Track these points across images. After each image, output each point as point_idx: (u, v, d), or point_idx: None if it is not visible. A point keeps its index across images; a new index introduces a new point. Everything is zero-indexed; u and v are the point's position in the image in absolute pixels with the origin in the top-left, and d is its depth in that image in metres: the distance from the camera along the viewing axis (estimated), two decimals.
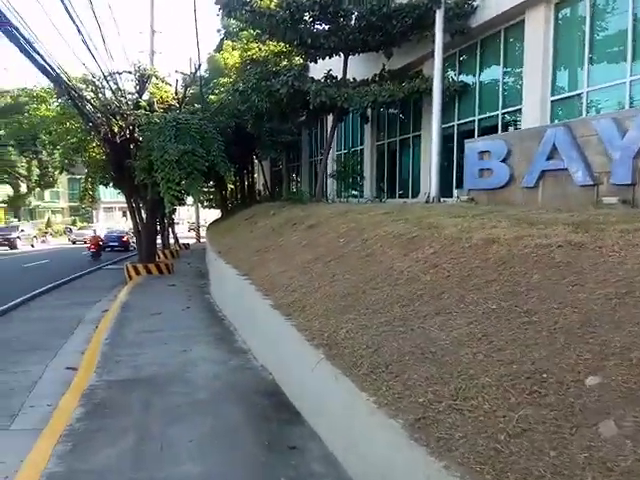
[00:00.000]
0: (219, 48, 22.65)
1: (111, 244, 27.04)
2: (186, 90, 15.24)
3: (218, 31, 27.66)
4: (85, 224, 46.69)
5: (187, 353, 5.87)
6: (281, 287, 5.54)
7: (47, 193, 60.02)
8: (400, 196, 15.58)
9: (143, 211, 14.72)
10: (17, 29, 6.19)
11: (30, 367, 5.85)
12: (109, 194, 49.03)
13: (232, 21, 25.89)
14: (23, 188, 49.30)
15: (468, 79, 12.43)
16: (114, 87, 12.39)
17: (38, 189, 52.04)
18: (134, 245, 21.20)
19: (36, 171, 47.21)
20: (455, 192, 9.90)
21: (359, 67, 14.60)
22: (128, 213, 15.04)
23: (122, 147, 13.15)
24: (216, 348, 6.14)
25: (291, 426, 3.74)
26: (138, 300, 10.07)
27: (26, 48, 6.42)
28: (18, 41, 6.26)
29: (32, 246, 33.05)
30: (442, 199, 11.16)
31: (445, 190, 11.68)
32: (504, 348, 2.64)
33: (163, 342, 6.38)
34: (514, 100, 10.88)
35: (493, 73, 11.80)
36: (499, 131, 11.10)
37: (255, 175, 29.09)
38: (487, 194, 8.31)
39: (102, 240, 24.70)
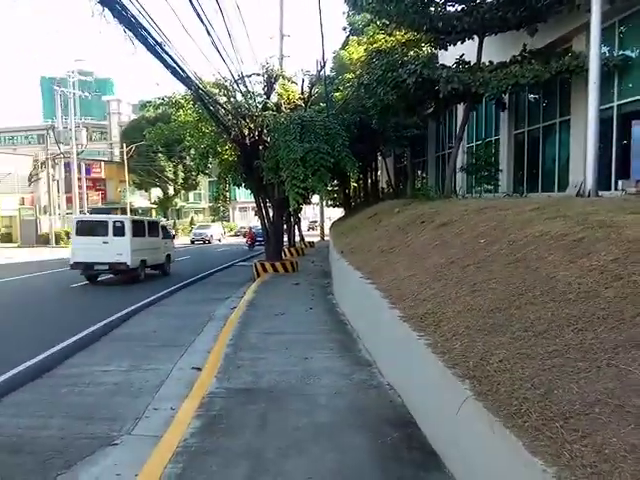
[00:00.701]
0: (344, 45, 22.47)
1: (258, 239, 30.44)
2: (312, 89, 15.20)
3: (344, 29, 27.57)
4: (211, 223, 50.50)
5: (308, 361, 5.48)
6: (410, 294, 4.87)
7: (191, 195, 66.01)
8: (543, 190, 13.82)
9: (270, 210, 15.01)
10: (147, 31, 6.41)
11: (160, 365, 5.94)
12: (243, 195, 52.33)
13: (358, 17, 25.62)
14: (170, 190, 54.62)
15: (631, 52, 10.45)
16: (244, 90, 12.71)
17: (183, 191, 57.35)
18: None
19: (181, 175, 52.02)
20: (620, 183, 8.31)
21: (495, 49, 13.20)
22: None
23: (251, 148, 13.47)
24: (339, 357, 5.67)
25: (426, 473, 3.07)
26: (263, 299, 10.09)
27: (156, 49, 6.63)
28: (147, 41, 6.47)
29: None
30: (599, 192, 9.51)
31: (601, 182, 9.94)
32: None
33: (285, 346, 6.09)
34: None
35: None
36: None
37: (379, 173, 28.55)
38: None
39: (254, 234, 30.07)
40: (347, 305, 8.08)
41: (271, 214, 14.87)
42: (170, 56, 7.28)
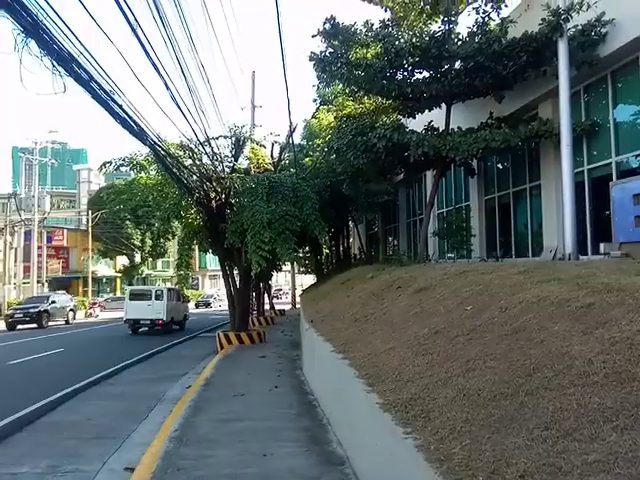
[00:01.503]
0: (314, 115, 22.84)
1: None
2: (281, 154, 14.95)
3: (314, 101, 28.20)
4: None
5: (267, 460, 4.46)
6: (390, 373, 4.06)
7: (159, 262, 64.28)
8: (517, 255, 13.52)
9: (237, 277, 14.19)
10: (99, 84, 5.87)
11: (87, 465, 4.83)
12: (214, 262, 51.20)
13: (327, 90, 26.38)
14: (137, 258, 53.03)
15: (599, 117, 10.56)
16: (210, 152, 12.29)
17: (151, 259, 55.77)
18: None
19: (149, 242, 50.79)
20: (602, 246, 7.95)
21: (463, 116, 13.33)
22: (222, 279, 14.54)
23: (217, 212, 12.86)
24: (305, 452, 4.68)
25: None
26: (223, 375, 9.02)
27: (99, 94, 6.07)
28: (96, 93, 5.92)
29: None
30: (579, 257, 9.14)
31: (579, 246, 9.61)
32: None
33: (240, 439, 5.06)
34: None
35: (633, 107, 9.90)
36: None
37: (350, 240, 28.27)
38: None
39: None
40: (317, 382, 7.13)
41: (237, 281, 14.02)
42: (119, 105, 6.74)
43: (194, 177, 11.70)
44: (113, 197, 12.75)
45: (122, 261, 52.38)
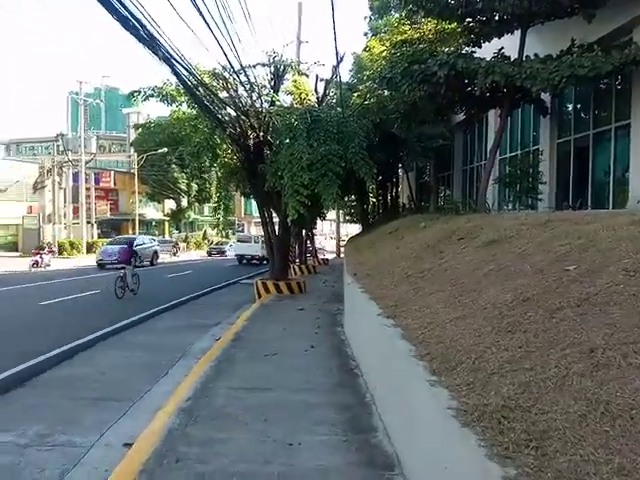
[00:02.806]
0: (365, 48, 20.79)
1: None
2: (326, 88, 13.40)
3: (365, 34, 25.96)
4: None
5: (293, 452, 3.47)
6: (463, 357, 2.91)
7: (206, 208, 64.67)
8: (593, 206, 11.75)
9: (277, 222, 13.23)
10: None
11: (79, 436, 4.05)
12: None
13: (380, 22, 24.01)
14: (184, 202, 53.30)
15: None
16: (247, 83, 10.95)
17: (197, 204, 55.95)
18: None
19: (195, 187, 50.66)
20: None
21: (538, 44, 11.28)
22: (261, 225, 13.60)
23: (255, 151, 11.72)
24: (343, 443, 3.66)
25: None
26: (256, 329, 8.18)
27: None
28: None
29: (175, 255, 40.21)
30: None
31: None
32: None
33: (263, 416, 4.11)
34: None
35: None
36: None
37: (399, 188, 26.61)
38: None
39: None
40: (359, 346, 6.09)
41: (277, 227, 13.05)
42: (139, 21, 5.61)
43: (228, 110, 10.50)
44: (147, 135, 11.70)
45: (170, 205, 52.88)
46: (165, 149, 29.61)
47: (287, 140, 9.10)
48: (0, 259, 27.13)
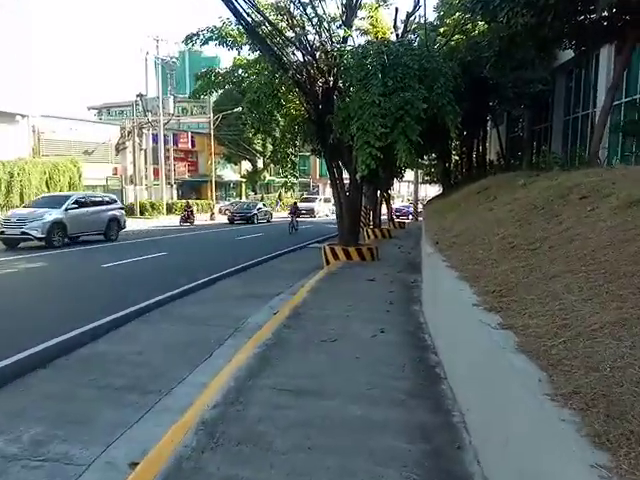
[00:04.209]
0: None
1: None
2: (407, 21, 11.50)
3: None
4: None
5: None
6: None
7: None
8: None
9: (347, 181, 11.89)
10: None
11: (80, 447, 3.17)
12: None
13: None
14: (260, 164, 53.14)
15: None
16: (314, 16, 9.43)
17: (272, 165, 55.62)
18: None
19: (270, 147, 50.10)
20: None
21: None
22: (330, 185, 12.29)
23: (324, 99, 10.33)
24: None
25: None
26: (318, 303, 7.04)
27: None
28: None
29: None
30: None
31: None
32: None
33: (308, 441, 2.95)
34: None
35: None
36: None
37: (487, 143, 23.97)
38: None
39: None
40: (444, 340, 4.72)
41: (347, 186, 11.73)
42: None
43: (293, 49, 9.11)
44: (205, 85, 10.68)
45: (246, 166, 52.99)
46: (240, 108, 29.03)
47: (358, 79, 7.61)
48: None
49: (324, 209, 42.73)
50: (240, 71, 9.68)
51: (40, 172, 24.41)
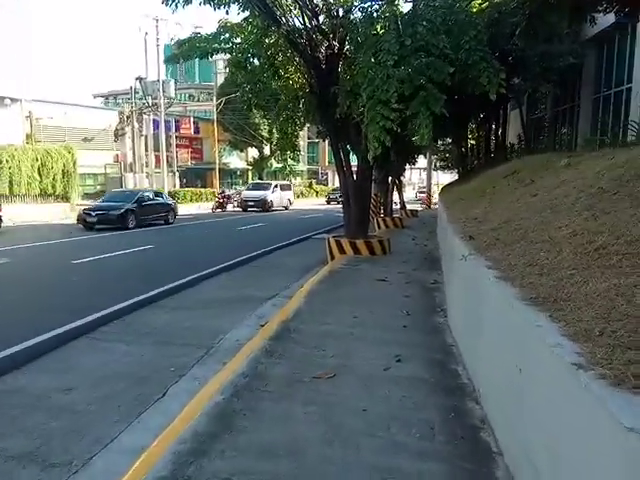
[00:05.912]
0: None
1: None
2: None
3: None
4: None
5: None
6: None
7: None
8: None
9: (354, 164, 10.41)
10: None
11: None
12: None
13: None
14: (266, 151, 51.59)
15: None
16: None
17: (279, 151, 54.00)
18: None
19: (276, 134, 48.40)
20: None
21: None
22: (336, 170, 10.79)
23: (327, 70, 8.84)
24: None
25: None
26: (316, 315, 5.60)
27: None
28: None
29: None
30: None
31: None
32: None
33: None
34: None
35: None
36: None
37: (507, 125, 22.25)
38: None
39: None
40: (483, 363, 3.28)
41: (354, 169, 10.25)
42: None
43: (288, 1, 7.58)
44: (187, 51, 9.18)
45: (252, 153, 51.53)
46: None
47: (368, 35, 6.11)
48: None
49: (282, 200, 32.54)
50: (227, 35, 8.22)
51: (31, 159, 23.13)
